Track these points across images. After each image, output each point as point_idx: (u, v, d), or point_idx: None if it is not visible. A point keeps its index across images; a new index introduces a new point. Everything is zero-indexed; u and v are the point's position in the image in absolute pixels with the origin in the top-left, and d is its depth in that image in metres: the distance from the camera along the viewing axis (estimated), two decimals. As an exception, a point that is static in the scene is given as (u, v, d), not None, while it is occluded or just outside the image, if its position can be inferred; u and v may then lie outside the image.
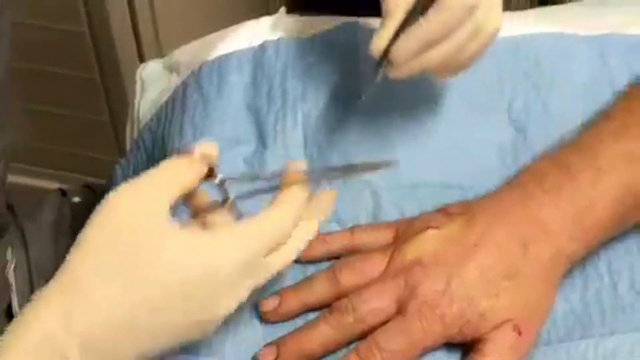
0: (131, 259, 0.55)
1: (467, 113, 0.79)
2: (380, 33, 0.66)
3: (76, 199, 1.11)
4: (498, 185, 0.73)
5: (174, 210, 0.59)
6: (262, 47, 0.82)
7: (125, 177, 0.87)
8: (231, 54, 0.82)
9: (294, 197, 0.61)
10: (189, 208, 0.63)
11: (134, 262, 0.55)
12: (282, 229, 0.60)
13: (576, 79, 0.79)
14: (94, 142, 1.65)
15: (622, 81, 0.79)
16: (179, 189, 0.59)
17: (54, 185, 1.72)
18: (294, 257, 0.62)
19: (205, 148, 0.61)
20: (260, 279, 0.59)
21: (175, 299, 0.55)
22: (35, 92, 1.53)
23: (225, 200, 0.62)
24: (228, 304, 0.58)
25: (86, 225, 0.56)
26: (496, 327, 0.64)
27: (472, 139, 0.77)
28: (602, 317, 0.66)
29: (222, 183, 0.62)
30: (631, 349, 0.64)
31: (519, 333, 0.64)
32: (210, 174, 0.61)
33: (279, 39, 0.82)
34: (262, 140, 0.76)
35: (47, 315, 0.54)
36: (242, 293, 0.58)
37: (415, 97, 0.79)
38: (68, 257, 0.56)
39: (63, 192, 1.06)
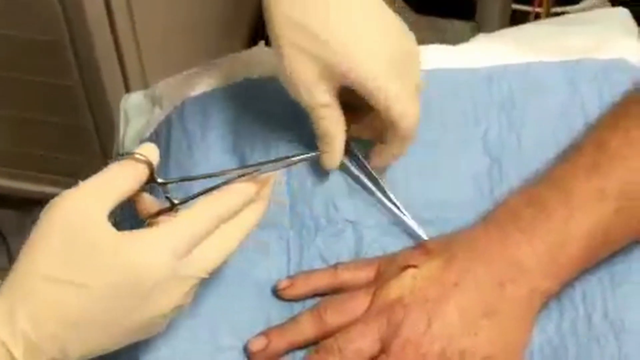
0: (71, 260, 0.58)
1: (444, 142, 0.81)
2: (333, 155, 0.73)
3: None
4: (475, 218, 0.76)
5: (118, 212, 0.63)
6: (244, 85, 0.83)
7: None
8: (214, 91, 0.84)
9: (222, 192, 0.64)
10: (139, 214, 0.66)
11: (74, 264, 0.58)
12: (206, 222, 0.62)
13: (548, 109, 0.81)
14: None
15: (593, 108, 0.81)
16: (119, 193, 0.62)
17: (39, 187, 1.74)
18: (234, 246, 0.64)
19: (146, 151, 0.64)
20: (196, 273, 0.61)
21: (108, 299, 0.58)
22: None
23: (172, 205, 0.65)
24: (164, 301, 0.60)
25: (34, 227, 0.60)
26: None
27: (448, 170, 0.79)
28: (577, 349, 0.69)
29: (164, 186, 0.65)
30: None
31: (498, 370, 0.67)
32: (151, 178, 0.64)
33: (259, 78, 0.83)
34: None
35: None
36: (179, 290, 0.61)
37: None
38: (17, 258, 0.59)
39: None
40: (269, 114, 0.81)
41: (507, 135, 0.81)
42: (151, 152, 0.64)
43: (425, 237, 0.75)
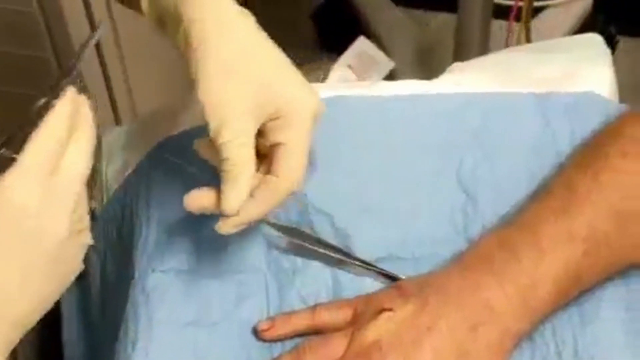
0: None
1: (417, 177, 0.82)
2: (236, 196, 0.67)
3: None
4: (450, 255, 0.78)
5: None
6: None
7: (96, 245, 0.90)
8: (195, 128, 0.85)
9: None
10: None
11: None
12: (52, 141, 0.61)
13: (521, 142, 0.83)
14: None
15: (564, 142, 0.83)
16: None
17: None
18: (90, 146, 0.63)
19: None
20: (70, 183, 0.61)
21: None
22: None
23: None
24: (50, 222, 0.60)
25: None
26: None
27: (423, 205, 0.81)
28: (549, 387, 0.71)
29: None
30: None
31: (472, 413, 0.69)
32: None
33: None
34: None
35: None
36: (59, 204, 0.61)
37: (363, 165, 0.83)
38: None
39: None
40: None
41: (482, 165, 0.82)
42: None
43: (402, 276, 0.77)
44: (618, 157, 0.74)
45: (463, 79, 0.89)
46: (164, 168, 0.84)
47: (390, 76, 1.66)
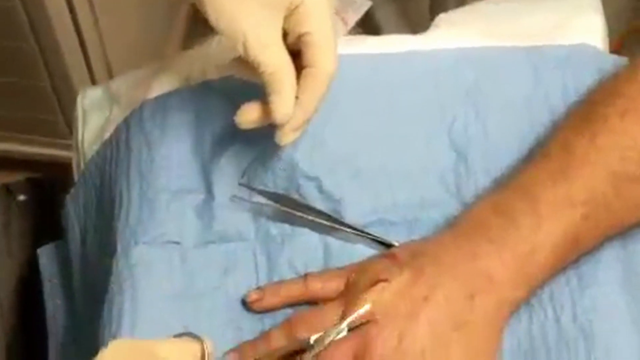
0: None
1: (408, 138, 0.80)
2: (285, 102, 0.67)
3: (22, 197, 1.11)
4: (442, 217, 0.76)
5: None
6: (204, 86, 0.82)
7: (76, 212, 0.88)
8: (173, 92, 0.82)
9: None
10: None
11: None
12: None
13: (513, 99, 0.81)
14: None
15: (556, 98, 0.80)
16: None
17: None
18: None
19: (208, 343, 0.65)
20: None
21: None
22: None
23: None
24: None
25: None
26: None
27: (414, 167, 0.79)
28: (547, 353, 0.70)
29: None
30: None
31: (469, 382, 0.67)
32: None
33: (220, 79, 0.82)
34: (209, 189, 0.77)
35: None
36: None
37: (351, 128, 0.80)
38: None
39: (8, 189, 1.06)
40: (229, 116, 0.79)
41: (474, 125, 0.80)
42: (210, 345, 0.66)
43: (394, 242, 0.75)
44: (616, 118, 0.71)
45: (450, 34, 0.86)
46: (143, 134, 0.81)
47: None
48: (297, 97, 0.68)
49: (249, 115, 0.69)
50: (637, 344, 0.69)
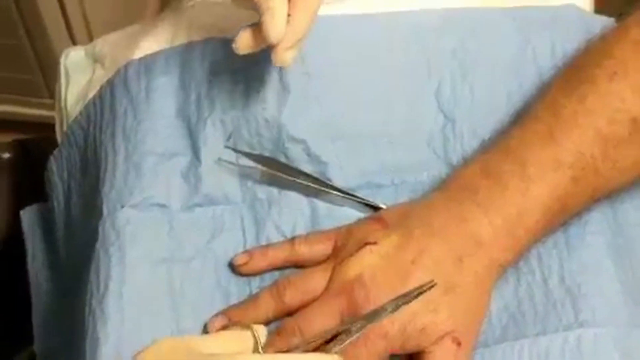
0: None
1: (395, 101, 0.79)
2: (277, 20, 0.66)
3: (7, 155, 1.10)
4: (430, 180, 0.76)
5: None
6: (189, 48, 0.81)
7: (60, 173, 0.87)
8: (158, 54, 0.81)
9: None
10: None
11: None
12: None
13: (501, 60, 0.80)
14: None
15: (544, 59, 0.80)
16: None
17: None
18: None
19: (259, 330, 0.67)
20: None
21: None
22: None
23: None
24: None
25: None
26: (437, 341, 0.67)
27: (401, 129, 0.78)
28: (534, 315, 0.70)
29: None
30: (562, 348, 0.68)
31: (458, 344, 0.67)
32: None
33: (205, 41, 0.81)
34: (195, 152, 0.76)
35: None
36: None
37: (339, 91, 0.79)
38: None
39: (-9, 148, 1.05)
40: (215, 76, 0.79)
41: (460, 87, 0.79)
42: (262, 332, 0.66)
43: (381, 205, 0.75)
44: (605, 79, 0.71)
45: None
46: (128, 96, 0.80)
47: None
48: (289, 15, 0.66)
49: (244, 39, 0.68)
50: (624, 306, 0.69)
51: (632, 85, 0.71)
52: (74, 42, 1.48)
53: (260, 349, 0.65)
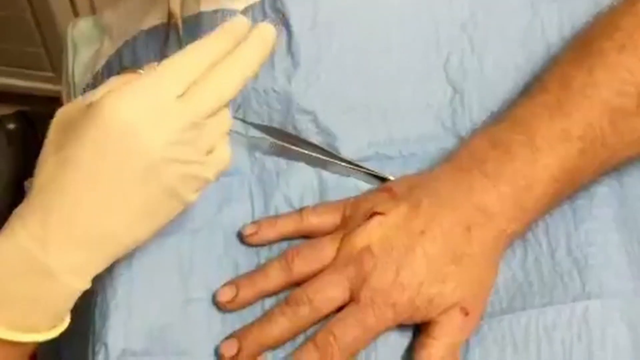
0: (64, 140, 0.60)
1: (404, 73, 0.79)
2: None
3: (11, 126, 1.11)
4: (438, 152, 0.76)
5: None
6: (198, 18, 0.81)
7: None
8: (166, 24, 0.81)
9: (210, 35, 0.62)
10: None
11: (66, 141, 0.59)
12: (192, 61, 0.60)
13: (509, 33, 0.80)
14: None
15: (553, 32, 0.80)
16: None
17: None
18: (233, 86, 0.62)
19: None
20: (192, 113, 0.59)
21: (98, 165, 0.58)
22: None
23: None
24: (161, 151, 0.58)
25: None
26: (444, 311, 0.67)
27: (410, 101, 0.79)
28: (541, 286, 0.70)
29: None
30: (569, 319, 0.68)
31: (466, 314, 0.68)
32: None
33: (214, 11, 0.80)
34: None
35: (21, 229, 0.58)
36: (176, 127, 0.58)
37: (348, 63, 0.79)
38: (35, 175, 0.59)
39: (-3, 119, 1.06)
40: None
41: (470, 59, 0.79)
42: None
43: (390, 176, 0.75)
44: (614, 52, 0.71)
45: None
46: (136, 66, 0.80)
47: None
48: None
49: None
50: (630, 277, 0.70)
51: None
52: (76, 14, 1.47)
53: None
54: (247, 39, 0.62)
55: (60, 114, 0.62)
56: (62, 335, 0.61)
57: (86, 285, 0.60)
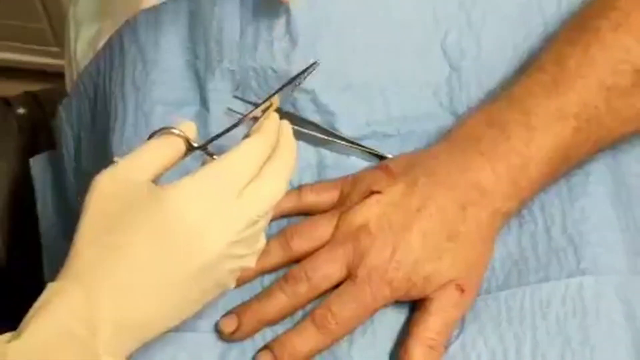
0: (116, 224, 0.59)
1: (401, 51, 0.80)
2: None
3: (21, 110, 1.11)
4: (435, 131, 0.77)
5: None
6: None
7: (69, 122, 0.88)
8: (166, 3, 0.82)
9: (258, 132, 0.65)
10: None
11: (119, 226, 0.59)
12: (248, 162, 0.62)
13: (506, 10, 0.80)
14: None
15: (551, 11, 0.80)
16: (160, 166, 0.63)
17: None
18: (283, 184, 0.63)
19: (185, 128, 0.64)
20: (250, 213, 0.61)
21: (154, 252, 0.58)
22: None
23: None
24: (213, 246, 0.59)
25: (82, 212, 0.60)
26: (440, 288, 0.68)
27: (407, 80, 0.79)
28: (537, 263, 0.71)
29: (204, 149, 0.65)
30: (564, 295, 0.69)
31: (462, 291, 0.69)
32: (189, 148, 0.65)
33: None
34: (203, 102, 0.77)
35: (64, 308, 0.56)
36: (232, 229, 0.60)
37: (346, 41, 0.79)
38: (73, 246, 0.59)
39: (7, 102, 1.06)
40: (223, 26, 0.79)
41: (467, 37, 0.80)
42: (189, 128, 0.65)
43: (387, 154, 0.76)
44: (609, 30, 0.72)
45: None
46: (137, 46, 0.80)
47: None
48: None
49: None
50: (624, 254, 0.71)
51: (636, 37, 0.71)
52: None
53: (194, 145, 0.65)
54: (281, 141, 0.65)
55: (104, 185, 0.61)
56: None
57: None
